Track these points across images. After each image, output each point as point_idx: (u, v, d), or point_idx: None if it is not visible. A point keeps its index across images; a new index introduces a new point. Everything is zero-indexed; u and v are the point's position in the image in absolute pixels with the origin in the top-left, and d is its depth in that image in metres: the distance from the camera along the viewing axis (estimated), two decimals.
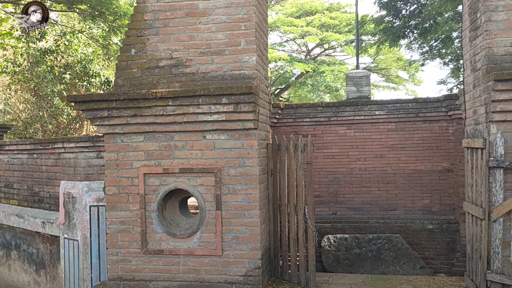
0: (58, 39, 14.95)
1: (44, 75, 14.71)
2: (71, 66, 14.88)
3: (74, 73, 14.88)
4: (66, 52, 15.08)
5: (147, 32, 5.16)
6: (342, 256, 7.69)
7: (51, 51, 14.75)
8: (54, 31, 15.29)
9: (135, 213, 5.11)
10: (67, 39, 14.92)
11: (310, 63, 20.93)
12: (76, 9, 14.71)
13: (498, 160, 4.41)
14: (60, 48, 14.87)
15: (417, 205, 8.43)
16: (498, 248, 4.46)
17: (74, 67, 14.85)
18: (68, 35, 15.00)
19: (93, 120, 5.13)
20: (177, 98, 4.84)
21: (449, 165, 8.26)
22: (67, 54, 15.11)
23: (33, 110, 16.00)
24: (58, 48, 14.83)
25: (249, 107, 4.74)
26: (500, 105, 4.40)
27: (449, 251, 7.92)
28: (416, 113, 8.22)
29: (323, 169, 8.65)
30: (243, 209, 4.93)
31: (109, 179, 5.16)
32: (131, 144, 5.13)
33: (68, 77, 14.59)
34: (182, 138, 5.03)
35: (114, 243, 5.16)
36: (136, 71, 5.17)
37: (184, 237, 5.03)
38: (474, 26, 4.93)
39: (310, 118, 8.56)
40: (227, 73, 4.97)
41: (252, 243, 4.92)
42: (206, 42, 5.02)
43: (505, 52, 4.49)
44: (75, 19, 17.21)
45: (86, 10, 14.50)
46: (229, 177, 4.94)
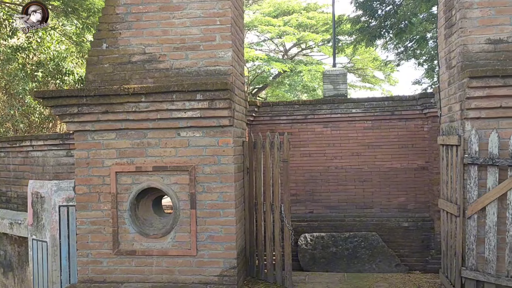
0: (30, 36, 14.51)
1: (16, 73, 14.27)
2: (43, 63, 14.48)
3: (46, 71, 14.48)
4: (39, 49, 14.67)
5: (119, 26, 5.00)
6: (318, 255, 7.66)
7: (22, 48, 14.31)
8: None
9: (106, 213, 4.96)
10: (40, 36, 14.50)
11: (288, 63, 20.93)
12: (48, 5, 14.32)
13: (473, 157, 4.42)
14: (32, 45, 14.45)
15: (392, 203, 8.46)
16: (472, 245, 4.47)
17: (47, 65, 14.45)
18: (41, 32, 14.58)
19: (62, 116, 4.95)
20: (150, 94, 4.71)
21: (424, 163, 8.32)
22: (39, 51, 14.70)
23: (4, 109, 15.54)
24: (30, 45, 14.41)
25: (224, 104, 4.65)
26: (474, 102, 4.41)
27: (424, 249, 7.98)
28: (392, 111, 8.26)
29: (300, 168, 8.61)
30: (218, 208, 4.84)
31: (80, 178, 5.00)
32: (103, 142, 4.98)
33: (40, 75, 14.19)
34: (155, 135, 4.91)
35: (85, 244, 5.00)
36: (107, 66, 5.01)
37: (157, 237, 4.90)
38: (449, 24, 4.94)
39: (286, 116, 8.51)
40: (202, 69, 4.86)
41: (227, 243, 4.83)
42: (181, 37, 4.90)
43: (480, 49, 4.51)
44: None
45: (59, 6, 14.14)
46: (204, 175, 4.84)
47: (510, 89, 4.30)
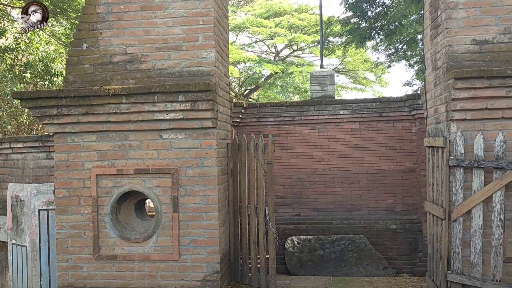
0: (18, 37, 14.34)
1: (4, 74, 14.10)
2: (32, 64, 14.29)
3: (35, 72, 14.30)
4: (27, 50, 14.47)
5: (100, 26, 4.90)
6: (305, 258, 7.58)
7: (11, 49, 14.11)
8: (14, 29, 14.68)
9: (87, 217, 4.85)
10: (28, 37, 14.30)
11: (279, 64, 20.86)
12: None
13: (459, 159, 4.37)
14: (21, 46, 14.25)
15: (380, 205, 8.41)
16: (458, 248, 4.41)
17: (36, 66, 14.27)
18: (29, 32, 14.41)
19: (41, 118, 4.84)
20: (131, 95, 4.62)
21: (412, 165, 8.28)
22: (28, 52, 14.51)
23: None
24: (19, 46, 14.21)
25: (207, 105, 4.57)
26: (460, 103, 4.36)
27: (411, 251, 7.93)
28: (379, 113, 8.20)
29: (287, 170, 8.52)
30: (201, 211, 4.75)
31: (59, 181, 4.88)
32: (83, 144, 4.87)
33: (29, 76, 14.00)
34: (137, 138, 4.81)
35: (64, 249, 4.89)
36: (88, 66, 4.91)
37: (139, 241, 4.80)
38: (435, 24, 4.89)
39: (274, 117, 8.43)
40: (184, 69, 4.78)
41: (210, 247, 4.74)
42: (163, 37, 4.82)
43: (465, 50, 4.46)
44: None
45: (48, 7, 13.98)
46: (186, 178, 4.75)
47: (495, 90, 4.25)
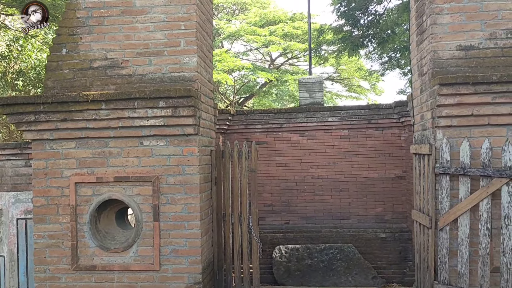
0: (10, 44, 14.24)
1: None
2: (24, 72, 14.21)
3: (27, 79, 14.21)
4: (19, 57, 14.39)
5: (79, 31, 4.80)
6: (293, 268, 7.46)
7: (3, 56, 14.03)
8: (7, 36, 14.58)
9: (65, 226, 4.72)
10: (20, 44, 14.23)
11: (274, 72, 20.85)
12: None
13: (444, 167, 4.29)
14: (13, 53, 14.16)
15: (370, 214, 8.32)
16: (445, 258, 4.32)
17: (28, 74, 14.18)
18: (21, 40, 14.32)
19: (18, 125, 4.71)
20: (111, 101, 4.50)
21: (401, 172, 8.20)
22: (20, 59, 14.42)
23: None
24: (11, 53, 14.12)
25: (189, 111, 4.46)
26: (445, 110, 4.29)
27: (401, 260, 7.83)
28: (368, 120, 8.14)
29: (276, 177, 8.42)
30: (182, 220, 4.63)
31: (37, 189, 4.75)
32: (62, 151, 4.74)
33: (21, 83, 13.91)
34: (117, 145, 4.69)
35: (42, 259, 4.74)
36: (67, 72, 4.80)
37: (118, 251, 4.67)
38: (420, 30, 4.83)
39: (262, 124, 8.34)
40: (166, 75, 4.68)
41: (192, 257, 4.62)
42: (144, 42, 4.71)
43: (451, 55, 4.40)
44: None
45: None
46: (168, 185, 4.63)
47: (481, 96, 4.18)
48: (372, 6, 14.78)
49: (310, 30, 11.11)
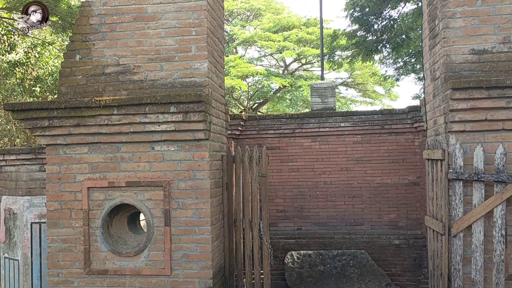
0: (28, 51, 14.50)
1: (13, 88, 14.23)
2: (41, 79, 14.43)
3: (45, 86, 14.42)
4: (37, 64, 14.62)
5: (92, 37, 4.87)
6: (305, 274, 7.40)
7: (21, 63, 14.26)
8: (25, 43, 14.86)
9: (78, 230, 4.77)
10: (38, 51, 14.47)
11: (288, 78, 20.85)
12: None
13: (458, 172, 4.22)
14: (31, 60, 14.40)
15: (383, 220, 8.22)
16: (458, 265, 4.25)
17: (45, 80, 14.41)
18: (39, 47, 14.57)
19: (33, 130, 4.79)
20: (123, 106, 4.55)
21: (415, 178, 8.10)
22: (37, 66, 14.66)
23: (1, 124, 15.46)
24: (29, 60, 14.36)
25: (199, 116, 4.48)
26: (458, 114, 4.23)
27: (416, 267, 7.70)
28: (381, 125, 8.06)
29: (288, 183, 8.39)
30: (193, 225, 4.63)
31: (51, 193, 4.81)
32: (75, 156, 4.80)
33: (38, 90, 14.13)
34: (129, 149, 4.73)
35: (55, 263, 4.79)
36: (80, 78, 4.86)
37: (130, 255, 4.69)
38: (433, 34, 4.78)
39: (274, 130, 8.32)
40: (177, 80, 4.71)
41: (203, 262, 4.62)
42: (155, 48, 4.76)
43: (464, 59, 4.35)
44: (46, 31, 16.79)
45: (57, 21, 14.12)
46: (178, 190, 4.65)
47: (495, 101, 4.12)
48: (386, 11, 14.71)
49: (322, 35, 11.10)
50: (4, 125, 15.01)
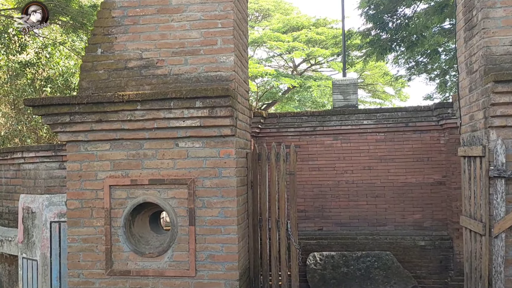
0: (39, 52, 14.48)
1: (24, 88, 14.22)
2: (52, 79, 14.41)
3: (55, 86, 14.39)
4: (47, 64, 14.61)
5: (114, 30, 4.71)
6: (328, 276, 7.19)
7: (31, 63, 14.26)
8: (35, 43, 14.84)
9: (99, 230, 4.61)
10: (49, 52, 14.45)
11: (297, 78, 20.70)
12: (57, 20, 14.26)
13: (500, 169, 4.01)
14: (41, 60, 14.38)
15: (407, 220, 7.99)
16: (500, 267, 4.03)
17: (56, 80, 14.38)
18: (49, 47, 14.54)
19: (53, 126, 4.64)
20: (146, 101, 4.39)
21: (441, 177, 7.86)
22: (48, 67, 14.65)
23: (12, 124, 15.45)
24: (39, 60, 14.34)
25: (226, 112, 4.30)
26: (500, 109, 4.02)
27: (442, 270, 7.47)
28: (406, 123, 7.84)
29: (308, 182, 8.18)
30: (219, 225, 4.46)
31: (71, 191, 4.66)
32: (96, 153, 4.65)
33: (49, 90, 14.10)
34: (152, 146, 4.57)
35: (76, 264, 4.64)
36: (102, 72, 4.71)
37: (153, 256, 4.53)
38: (469, 25, 4.57)
39: (294, 128, 8.12)
40: (202, 74, 4.54)
41: (229, 263, 4.44)
42: (180, 41, 4.60)
43: (505, 51, 4.13)
44: (57, 31, 16.78)
45: (68, 21, 14.07)
46: (203, 189, 4.48)
47: None
48: (401, 9, 14.50)
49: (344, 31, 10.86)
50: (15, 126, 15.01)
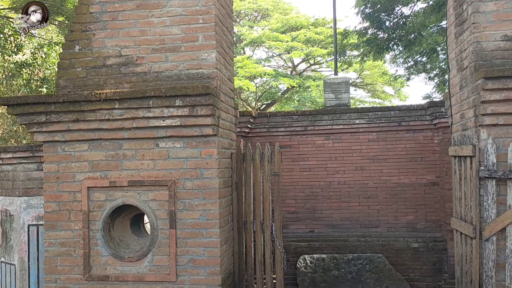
0: (35, 52, 14.36)
1: (20, 89, 14.10)
2: (48, 79, 14.30)
3: (51, 86, 14.27)
4: (43, 65, 14.51)
5: (93, 27, 4.55)
6: (319, 279, 7.03)
7: (27, 64, 14.16)
8: (31, 44, 14.72)
9: (77, 233, 4.45)
10: (45, 52, 14.34)
11: (296, 78, 20.57)
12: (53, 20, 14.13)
13: (490, 170, 3.85)
14: (37, 61, 14.28)
15: (400, 222, 7.83)
16: (491, 271, 3.88)
17: (52, 81, 14.27)
18: (45, 47, 14.42)
19: (29, 126, 4.48)
20: (125, 100, 4.23)
21: (434, 177, 7.70)
22: (44, 67, 14.54)
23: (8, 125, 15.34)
24: (35, 61, 14.24)
25: (207, 110, 4.14)
26: (491, 106, 3.86)
27: (436, 272, 7.31)
28: (398, 122, 7.67)
29: (299, 183, 8.02)
30: (200, 228, 4.30)
31: (48, 193, 4.50)
32: (74, 154, 4.49)
33: (45, 91, 14.00)
34: (131, 146, 4.41)
35: (53, 268, 4.48)
36: (80, 70, 4.55)
37: (133, 260, 4.37)
38: (460, 20, 4.41)
39: (285, 127, 7.96)
40: (183, 72, 4.38)
41: (211, 267, 4.28)
42: (160, 38, 4.44)
43: (495, 47, 3.98)
44: (52, 31, 16.65)
45: (64, 21, 13.94)
46: (185, 190, 4.32)
47: None
48: (398, 8, 14.35)
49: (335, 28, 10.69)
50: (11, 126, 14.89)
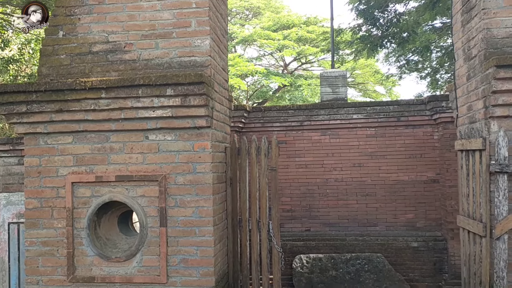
0: (22, 48, 14.03)
1: None
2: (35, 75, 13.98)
3: None
4: (31, 61, 14.19)
5: (78, 11, 4.27)
6: (316, 279, 6.78)
7: (14, 60, 13.85)
8: (19, 39, 14.38)
9: (60, 232, 4.17)
10: (32, 47, 14.01)
11: (287, 77, 20.42)
12: None
13: (502, 164, 3.62)
14: (24, 56, 13.96)
15: (399, 220, 7.61)
16: (502, 272, 3.65)
17: None
18: (33, 43, 14.09)
19: (8, 116, 4.19)
20: (112, 89, 3.95)
21: (434, 175, 7.49)
22: (31, 63, 14.22)
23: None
24: (22, 56, 13.92)
25: (200, 100, 3.88)
26: (502, 97, 3.63)
27: (436, 272, 7.10)
28: (397, 117, 7.45)
29: (296, 180, 7.77)
30: (193, 226, 4.04)
31: (29, 189, 4.21)
32: (57, 147, 4.20)
33: None
34: (119, 139, 4.14)
35: (34, 269, 4.20)
36: (64, 57, 4.26)
37: (120, 260, 4.10)
38: (467, 7, 4.18)
39: (280, 122, 7.71)
40: (174, 59, 4.11)
41: (204, 267, 4.02)
42: (150, 23, 4.16)
43: (507, 34, 3.75)
44: None
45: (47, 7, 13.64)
46: (176, 186, 4.05)
47: None
48: (392, 5, 14.22)
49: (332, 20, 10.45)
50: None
